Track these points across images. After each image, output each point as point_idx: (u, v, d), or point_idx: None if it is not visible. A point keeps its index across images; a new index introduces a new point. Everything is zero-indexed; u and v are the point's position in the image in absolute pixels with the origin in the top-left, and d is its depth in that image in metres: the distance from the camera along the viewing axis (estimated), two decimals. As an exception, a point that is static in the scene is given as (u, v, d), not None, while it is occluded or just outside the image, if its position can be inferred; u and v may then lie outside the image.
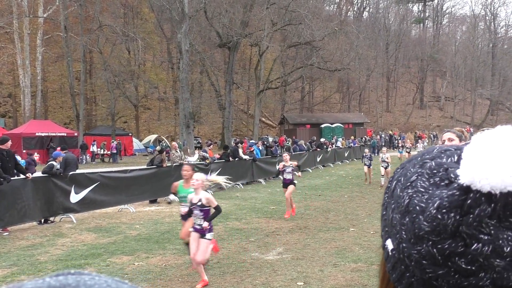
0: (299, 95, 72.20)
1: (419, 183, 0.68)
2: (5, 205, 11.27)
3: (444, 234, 0.63)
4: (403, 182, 0.71)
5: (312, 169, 29.34)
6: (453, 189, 0.64)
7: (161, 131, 56.83)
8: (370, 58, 67.10)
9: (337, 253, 9.10)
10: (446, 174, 0.67)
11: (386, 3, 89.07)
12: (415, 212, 0.66)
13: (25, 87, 41.61)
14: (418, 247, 0.65)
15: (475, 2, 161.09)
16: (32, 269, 8.25)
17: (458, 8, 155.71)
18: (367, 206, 15.03)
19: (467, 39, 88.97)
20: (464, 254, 0.63)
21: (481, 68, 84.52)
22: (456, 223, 0.62)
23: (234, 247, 9.77)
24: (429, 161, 0.70)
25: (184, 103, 40.97)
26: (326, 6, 73.57)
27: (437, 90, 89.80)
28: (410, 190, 0.69)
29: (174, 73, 57.69)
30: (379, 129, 64.28)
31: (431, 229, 0.63)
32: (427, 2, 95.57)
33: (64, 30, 41.19)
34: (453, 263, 0.63)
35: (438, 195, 0.65)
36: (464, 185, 0.63)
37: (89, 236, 11.16)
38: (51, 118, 50.77)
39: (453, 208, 0.63)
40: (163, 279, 7.66)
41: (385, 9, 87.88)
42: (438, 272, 0.64)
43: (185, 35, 40.74)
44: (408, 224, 0.67)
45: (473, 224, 0.62)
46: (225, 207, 15.16)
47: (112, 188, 14.39)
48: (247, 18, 44.97)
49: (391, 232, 0.71)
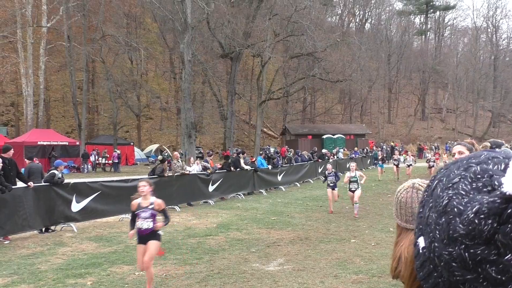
0: (301, 105, 72.32)
1: (461, 186, 0.68)
2: (7, 213, 11.28)
3: (479, 239, 0.62)
4: (445, 183, 0.71)
5: (314, 180, 29.31)
6: (495, 197, 0.62)
7: (162, 140, 56.87)
8: (372, 69, 67.33)
9: (338, 264, 9.08)
10: (490, 181, 0.66)
11: (388, 15, 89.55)
12: (452, 213, 0.66)
13: (28, 96, 41.72)
14: (450, 248, 0.64)
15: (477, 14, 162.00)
16: (33, 278, 8.23)
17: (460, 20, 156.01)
18: (368, 218, 15.00)
19: (469, 51, 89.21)
20: (496, 262, 0.61)
21: (483, 80, 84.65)
22: (493, 230, 0.61)
23: (235, 258, 9.75)
24: (474, 165, 0.70)
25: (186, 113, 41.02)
26: (328, 18, 73.93)
27: (438, 101, 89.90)
28: (450, 191, 0.68)
29: (176, 83, 57.84)
30: (381, 141, 64.25)
31: (466, 232, 0.63)
32: (429, 14, 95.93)
33: (67, 39, 41.38)
34: (483, 270, 0.62)
35: (479, 200, 0.63)
36: (507, 193, 0.61)
37: (90, 245, 11.15)
38: (53, 127, 50.86)
39: (491, 215, 0.61)
40: (164, 289, 7.64)
41: (387, 20, 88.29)
42: (466, 276, 0.63)
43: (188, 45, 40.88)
44: (444, 225, 0.66)
45: (510, 234, 0.61)
46: (226, 217, 15.17)
47: (113, 198, 14.38)
48: (249, 28, 45.15)
49: (425, 231, 0.70)
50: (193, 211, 16.87)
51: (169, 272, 8.63)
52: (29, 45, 41.13)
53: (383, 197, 20.41)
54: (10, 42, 45.43)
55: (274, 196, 21.51)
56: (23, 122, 47.98)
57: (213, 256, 9.85)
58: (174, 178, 17.14)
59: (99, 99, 55.34)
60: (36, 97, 44.10)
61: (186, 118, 40.32)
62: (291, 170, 26.68)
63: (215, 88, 51.59)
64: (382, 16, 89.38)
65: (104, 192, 14.07)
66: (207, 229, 13.11)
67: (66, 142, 38.35)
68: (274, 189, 24.19)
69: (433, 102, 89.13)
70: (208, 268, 8.91)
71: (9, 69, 43.29)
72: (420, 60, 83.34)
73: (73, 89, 42.93)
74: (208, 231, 12.71)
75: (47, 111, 54.96)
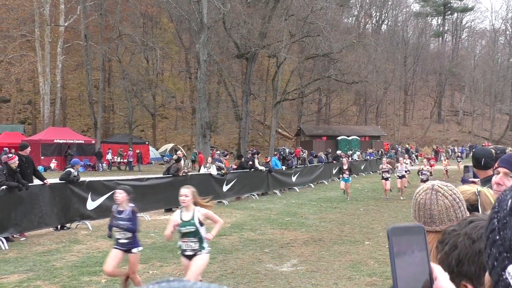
0: (316, 107, 72.17)
1: None
2: (23, 210, 11.39)
3: None
4: None
5: (328, 182, 29.23)
6: None
7: (177, 140, 57.06)
8: (388, 71, 66.96)
9: (351, 266, 9.04)
10: None
11: (405, 16, 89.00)
12: None
13: (45, 94, 42.14)
14: None
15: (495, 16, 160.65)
16: (48, 275, 8.31)
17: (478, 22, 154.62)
18: (383, 220, 14.91)
19: (486, 53, 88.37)
20: None
21: (501, 83, 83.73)
22: None
23: (248, 258, 9.75)
24: None
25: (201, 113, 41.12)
26: (344, 19, 73.66)
27: (455, 104, 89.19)
28: None
29: (192, 82, 58.06)
30: (396, 143, 63.89)
31: None
32: (447, 15, 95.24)
33: (84, 38, 41.70)
34: None
35: None
36: None
37: (104, 243, 11.21)
38: (69, 126, 51.32)
39: None
40: (177, 288, 7.65)
41: (403, 22, 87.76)
42: None
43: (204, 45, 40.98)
44: None
45: None
46: (240, 218, 15.18)
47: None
48: (265, 29, 45.18)
49: None
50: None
51: (183, 271, 8.64)
52: (47, 44, 41.54)
53: (397, 200, 20.29)
54: (28, 41, 45.93)
55: (288, 196, 21.48)
56: (40, 120, 48.47)
57: (226, 256, 9.86)
58: (188, 178, 17.19)
59: (115, 98, 55.69)
60: (53, 95, 44.52)
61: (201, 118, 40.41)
62: (305, 171, 26.61)
63: (230, 88, 51.67)
64: (398, 17, 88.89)
65: (119, 191, 14.13)
66: (221, 228, 13.12)
67: (82, 140, 38.66)
68: (288, 190, 24.16)
69: (450, 105, 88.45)
70: (221, 268, 8.92)
71: (27, 67, 43.78)
72: (437, 62, 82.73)
73: (89, 88, 43.26)
74: (222, 231, 12.68)
75: (64, 110, 55.44)
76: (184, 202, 6.55)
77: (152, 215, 15.36)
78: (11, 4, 42.98)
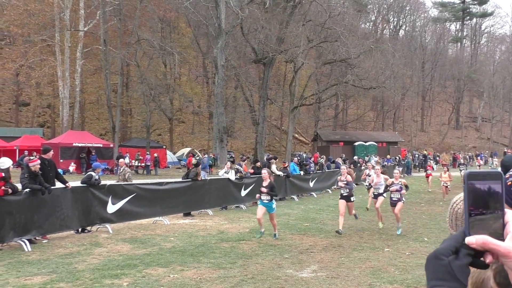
0: (333, 112, 71.98)
1: None
2: (45, 213, 11.52)
3: None
4: None
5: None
6: None
7: (194, 144, 57.28)
8: (405, 76, 66.67)
9: (372, 273, 9.00)
10: None
11: (423, 22, 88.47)
12: None
13: (64, 98, 42.60)
14: None
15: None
16: (70, 277, 8.39)
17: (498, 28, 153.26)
18: (402, 227, 14.82)
19: (506, 59, 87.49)
20: None
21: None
22: None
23: (268, 263, 9.76)
24: None
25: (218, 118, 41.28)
26: (362, 24, 73.51)
27: (473, 110, 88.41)
28: None
29: (209, 87, 58.30)
30: (414, 149, 63.47)
31: None
32: (465, 21, 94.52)
33: (103, 43, 42.10)
34: None
35: None
36: None
37: (125, 246, 11.30)
38: (87, 129, 51.79)
39: None
40: (199, 292, 7.70)
41: (422, 27, 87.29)
42: None
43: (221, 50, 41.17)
44: None
45: None
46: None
47: (148, 200, 14.56)
48: (283, 34, 45.23)
49: None
50: (225, 215, 16.95)
51: (203, 275, 8.69)
52: (67, 49, 42.03)
53: (416, 206, 20.15)
54: (48, 46, 46.49)
55: (306, 202, 21.44)
56: (58, 123, 48.98)
57: (246, 261, 9.87)
58: (207, 182, 17.26)
59: (133, 102, 56.07)
60: (72, 99, 44.98)
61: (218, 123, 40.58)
62: (323, 176, 26.55)
63: (247, 93, 51.78)
64: (416, 22, 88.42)
65: (139, 195, 14.24)
66: (239, 233, 13.16)
67: (101, 144, 38.98)
68: (305, 195, 24.12)
69: (468, 111, 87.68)
70: (241, 272, 8.94)
71: (47, 71, 44.29)
72: (455, 68, 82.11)
73: (108, 92, 43.63)
74: (241, 236, 12.75)
75: (82, 113, 55.97)
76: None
77: (171, 219, 15.43)
78: (33, 9, 43.56)
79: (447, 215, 2.18)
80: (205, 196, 16.97)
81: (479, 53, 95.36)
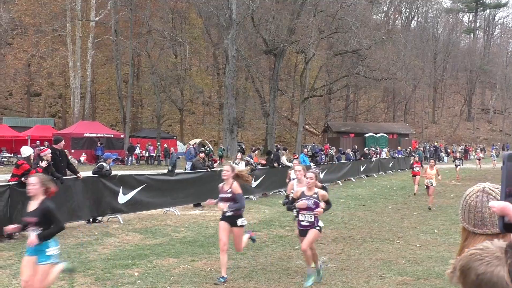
0: (344, 103, 71.74)
1: None
2: (57, 203, 11.52)
3: None
4: None
5: (356, 179, 29.06)
6: None
7: (204, 135, 57.38)
8: (417, 68, 66.22)
9: (382, 265, 8.99)
10: None
11: (436, 13, 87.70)
12: None
13: (75, 89, 42.79)
14: None
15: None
16: (82, 267, 8.46)
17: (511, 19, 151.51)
18: (412, 219, 14.78)
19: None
20: None
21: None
22: None
23: (278, 254, 9.78)
24: None
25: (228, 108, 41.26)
26: (373, 15, 72.96)
27: (485, 102, 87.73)
28: None
29: (220, 78, 58.27)
30: (425, 141, 63.14)
31: None
32: (479, 12, 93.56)
33: (114, 33, 42.18)
34: None
35: None
36: None
37: (135, 237, 11.37)
38: (98, 119, 52.02)
39: None
40: (209, 282, 7.72)
41: (434, 18, 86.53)
42: None
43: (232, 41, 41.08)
44: None
45: None
46: (268, 214, 15.22)
47: (158, 191, 14.60)
48: (294, 25, 45.06)
49: None
50: (235, 206, 16.96)
51: (214, 266, 8.72)
52: (78, 39, 42.13)
53: (426, 198, 20.06)
54: (59, 36, 46.64)
55: (316, 193, 21.40)
56: (69, 114, 49.26)
57: (256, 252, 9.89)
58: (217, 173, 17.28)
59: (143, 92, 56.23)
60: (83, 89, 45.16)
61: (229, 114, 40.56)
62: (333, 168, 26.50)
63: (258, 84, 51.73)
64: (429, 13, 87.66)
65: (150, 185, 14.28)
66: (249, 224, 13.17)
67: (111, 134, 39.14)
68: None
69: (480, 103, 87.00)
70: (252, 263, 8.96)
71: (58, 62, 44.45)
72: (468, 59, 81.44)
73: (119, 83, 43.76)
74: (251, 227, 12.75)
75: (93, 104, 56.21)
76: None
77: (181, 210, 15.49)
78: (44, -1, 43.71)
79: (459, 208, 2.16)
80: (215, 187, 16.98)
81: (492, 45, 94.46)
